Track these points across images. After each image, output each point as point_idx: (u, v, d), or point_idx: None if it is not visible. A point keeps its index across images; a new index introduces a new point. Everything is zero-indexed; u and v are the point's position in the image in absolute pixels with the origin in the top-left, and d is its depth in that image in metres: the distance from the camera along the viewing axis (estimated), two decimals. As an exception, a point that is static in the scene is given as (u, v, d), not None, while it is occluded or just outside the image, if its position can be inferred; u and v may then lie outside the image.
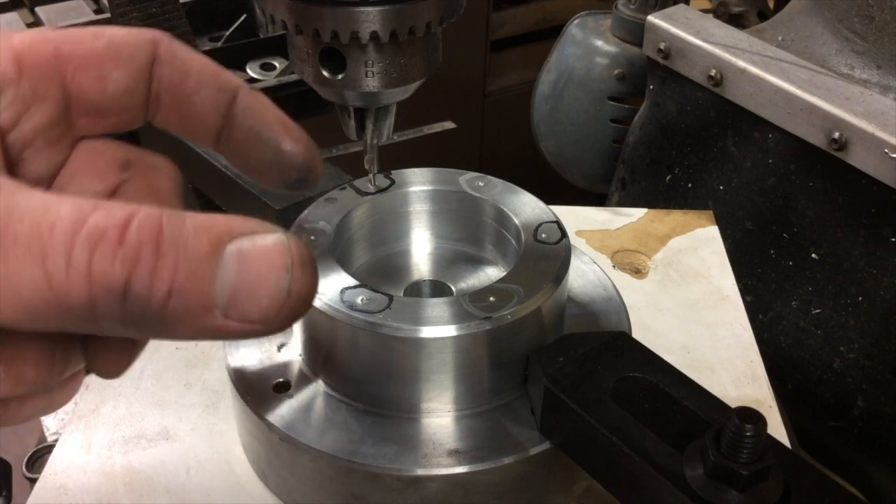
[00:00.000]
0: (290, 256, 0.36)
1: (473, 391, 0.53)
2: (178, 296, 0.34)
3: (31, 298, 0.32)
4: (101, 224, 0.33)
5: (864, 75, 0.93)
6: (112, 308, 0.33)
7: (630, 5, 1.20)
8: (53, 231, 0.32)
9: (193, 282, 0.34)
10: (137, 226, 0.33)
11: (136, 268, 0.33)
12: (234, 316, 0.35)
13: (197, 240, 0.34)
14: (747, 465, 0.41)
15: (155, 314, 0.34)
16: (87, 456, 0.59)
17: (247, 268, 0.35)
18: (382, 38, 0.48)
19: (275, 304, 0.35)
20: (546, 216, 0.58)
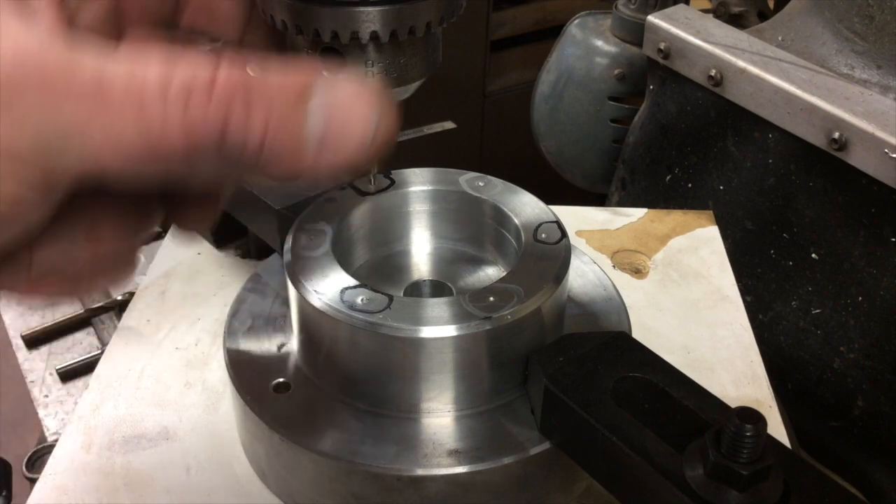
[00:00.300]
0: (370, 90, 0.39)
1: (473, 391, 0.53)
2: (272, 142, 0.36)
3: (133, 150, 0.35)
4: (188, 77, 0.35)
5: (864, 75, 0.93)
6: (209, 155, 0.36)
7: (630, 5, 1.20)
8: (144, 88, 0.35)
9: (285, 128, 0.37)
10: (224, 77, 0.36)
11: (230, 116, 0.35)
12: (328, 155, 0.38)
13: (282, 91, 0.37)
14: (747, 465, 0.41)
15: (251, 158, 0.37)
16: (87, 456, 0.59)
17: (334, 113, 0.38)
18: (382, 38, 0.48)
19: (365, 135, 0.38)
20: (546, 216, 0.59)
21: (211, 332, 0.69)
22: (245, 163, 0.37)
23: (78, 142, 0.35)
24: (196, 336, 0.69)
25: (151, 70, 0.35)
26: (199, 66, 0.36)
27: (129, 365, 0.66)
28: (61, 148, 0.35)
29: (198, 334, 0.70)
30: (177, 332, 0.70)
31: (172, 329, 0.70)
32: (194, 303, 0.73)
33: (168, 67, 0.35)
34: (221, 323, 0.61)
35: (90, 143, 0.35)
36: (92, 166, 0.36)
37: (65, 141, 0.35)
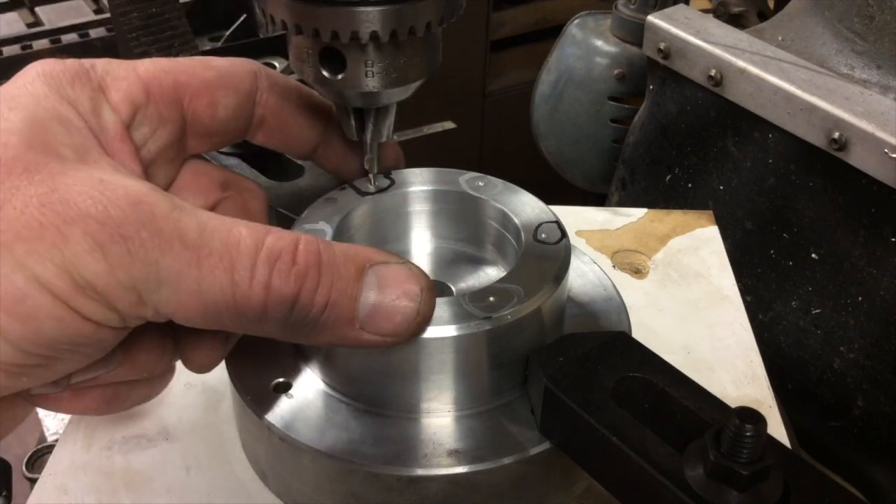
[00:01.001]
0: (419, 283, 0.44)
1: (473, 391, 0.53)
2: (332, 309, 0.41)
3: (214, 301, 0.38)
4: (276, 245, 0.39)
5: (864, 75, 0.93)
6: (280, 315, 0.40)
7: (630, 5, 1.20)
8: (240, 248, 0.38)
9: (343, 298, 0.41)
10: (304, 249, 0.40)
11: (304, 285, 0.40)
12: (371, 329, 0.43)
13: (346, 264, 0.41)
14: (747, 465, 0.41)
15: (311, 322, 0.41)
16: (87, 456, 0.59)
17: (384, 291, 0.42)
18: (382, 38, 0.48)
19: (405, 322, 0.43)
20: (546, 216, 0.58)
21: (211, 332, 0.69)
22: (305, 325, 0.41)
23: (168, 289, 0.37)
24: (196, 336, 0.69)
25: (244, 233, 0.39)
26: (284, 233, 0.40)
27: (129, 365, 0.66)
28: (150, 292, 0.37)
29: (198, 334, 0.70)
30: (177, 332, 0.70)
31: (172, 329, 0.70)
32: (194, 303, 0.73)
33: (259, 232, 0.39)
34: (221, 323, 0.61)
35: (179, 292, 0.38)
36: (171, 312, 0.39)
37: (157, 287, 0.37)
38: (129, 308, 0.38)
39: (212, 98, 0.49)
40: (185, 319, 0.39)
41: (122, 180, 0.38)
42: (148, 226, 0.37)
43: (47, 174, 0.37)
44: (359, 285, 0.42)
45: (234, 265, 0.38)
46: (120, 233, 0.36)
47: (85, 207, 0.36)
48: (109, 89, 0.45)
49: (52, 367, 0.39)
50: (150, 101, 0.46)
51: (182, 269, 0.37)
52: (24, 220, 0.35)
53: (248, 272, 0.38)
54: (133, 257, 0.36)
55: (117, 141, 0.44)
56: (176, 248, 0.37)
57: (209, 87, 0.49)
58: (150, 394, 0.49)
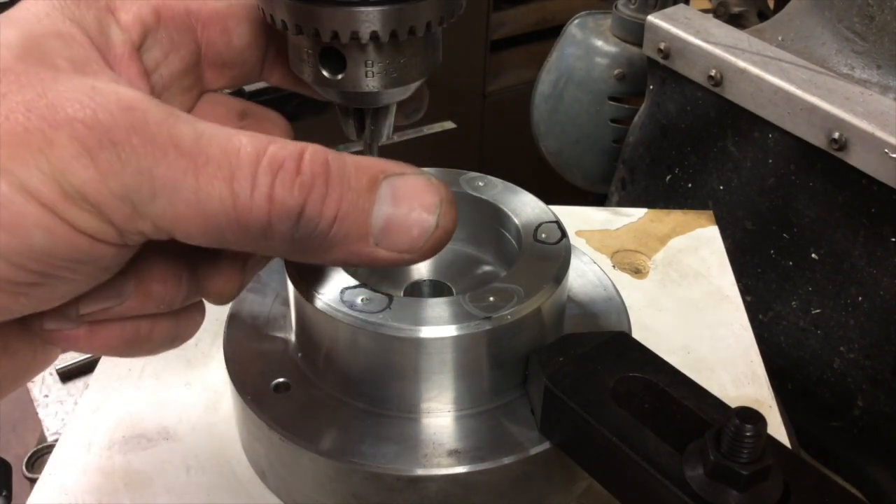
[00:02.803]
0: (438, 194, 0.40)
1: (473, 391, 0.53)
2: (341, 222, 0.38)
3: (215, 214, 0.36)
4: (279, 154, 0.37)
5: (864, 75, 0.93)
6: (285, 229, 0.37)
7: (630, 5, 1.20)
8: (239, 156, 0.36)
9: (354, 211, 0.38)
10: (310, 159, 0.37)
11: (310, 195, 0.37)
12: (386, 244, 0.40)
13: (358, 175, 0.39)
14: (747, 465, 0.41)
15: (320, 237, 0.38)
16: (87, 456, 0.59)
17: (400, 203, 0.39)
18: (382, 38, 0.48)
19: (423, 236, 0.40)
20: (546, 216, 0.58)
21: (211, 332, 0.69)
22: (313, 240, 0.38)
23: (164, 200, 0.35)
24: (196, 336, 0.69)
25: (244, 142, 0.37)
26: (288, 142, 0.38)
27: (129, 365, 0.66)
28: (144, 203, 0.35)
29: (198, 334, 0.69)
30: (177, 332, 0.70)
31: (172, 329, 0.70)
32: (194, 303, 0.73)
33: (261, 141, 0.37)
34: (221, 323, 0.61)
35: (175, 203, 0.35)
36: (170, 226, 0.36)
37: (152, 197, 0.35)
38: (125, 221, 0.36)
39: (224, 25, 0.48)
40: (186, 235, 0.37)
41: (116, 87, 0.36)
42: (140, 132, 0.35)
43: (37, 81, 0.35)
44: (372, 197, 0.39)
45: (233, 174, 0.36)
46: (109, 138, 0.34)
47: (73, 112, 0.34)
48: (118, 10, 0.43)
49: (53, 287, 0.37)
50: (161, 25, 0.45)
51: (178, 178, 0.35)
52: (7, 125, 0.34)
53: (249, 181, 0.36)
54: (124, 164, 0.34)
55: (125, 59, 0.42)
56: (170, 155, 0.35)
57: (221, 14, 0.48)
58: (176, 333, 0.46)
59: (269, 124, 0.51)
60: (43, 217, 0.34)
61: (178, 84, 0.47)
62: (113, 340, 0.43)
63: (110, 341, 0.43)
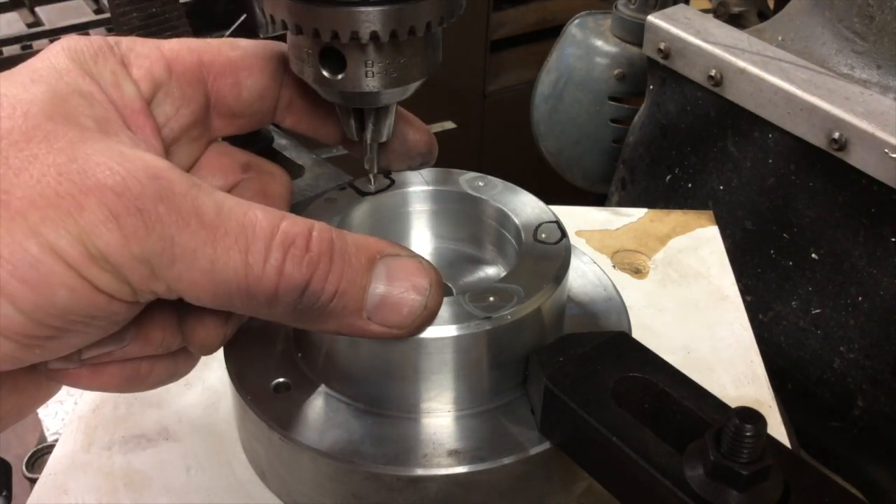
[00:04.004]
0: (428, 277, 0.44)
1: (473, 391, 0.53)
2: (340, 297, 0.41)
3: (226, 281, 0.38)
4: (291, 231, 0.40)
5: (864, 75, 0.93)
6: (289, 300, 0.40)
7: (630, 5, 1.20)
8: (255, 230, 0.39)
9: (353, 288, 0.41)
10: (318, 237, 0.40)
11: (316, 271, 0.40)
12: (377, 319, 0.43)
13: (357, 254, 0.41)
14: (747, 465, 0.41)
15: (320, 309, 0.41)
16: (87, 456, 0.59)
17: (393, 282, 0.42)
18: (382, 38, 0.48)
19: (412, 315, 0.43)
20: (546, 216, 0.58)
21: (211, 332, 0.69)
22: (313, 312, 0.41)
23: (182, 265, 0.37)
24: (196, 336, 0.69)
25: (260, 217, 0.39)
26: (299, 219, 0.40)
27: (129, 365, 0.66)
28: (163, 267, 0.37)
29: (198, 334, 0.70)
30: (177, 332, 0.70)
31: (172, 329, 0.70)
32: (194, 303, 0.73)
33: (275, 216, 0.40)
34: (221, 323, 0.61)
35: (192, 270, 0.38)
36: (184, 289, 0.38)
37: (171, 263, 0.37)
38: (142, 282, 0.37)
39: (236, 78, 0.49)
40: (197, 298, 0.39)
41: (142, 154, 0.38)
42: (166, 201, 0.37)
43: (66, 143, 0.37)
44: (369, 276, 0.42)
45: (249, 247, 0.38)
46: (137, 205, 0.36)
47: (103, 178, 0.36)
48: (132, 65, 0.45)
49: (65, 340, 0.39)
50: (172, 79, 0.46)
51: (197, 247, 0.37)
52: (40, 188, 0.35)
53: (263, 255, 0.38)
54: (148, 231, 0.36)
55: (139, 115, 0.44)
56: (192, 225, 0.37)
57: (233, 66, 0.49)
58: (174, 372, 0.48)
59: (269, 178, 0.54)
60: (68, 277, 0.36)
61: (187, 135, 0.49)
62: (114, 379, 0.45)
63: (112, 380, 0.45)
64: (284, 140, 0.81)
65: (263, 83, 0.50)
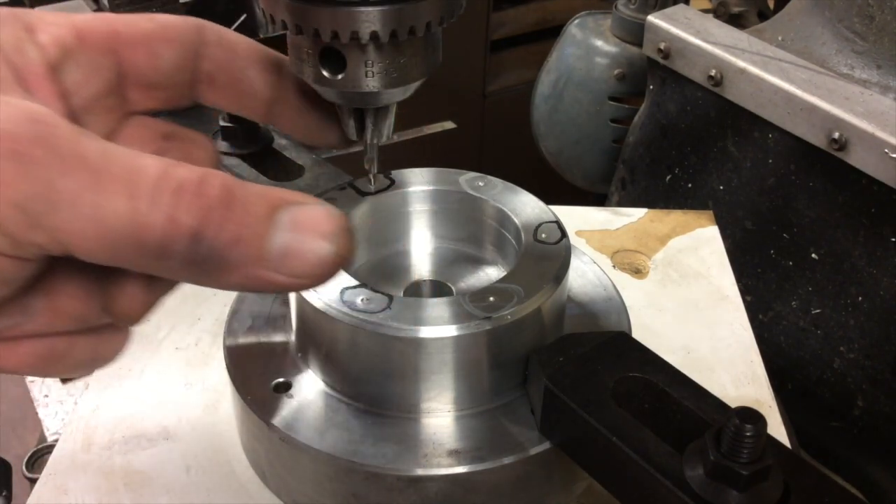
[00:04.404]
0: (336, 223, 0.41)
1: (473, 391, 0.53)
2: (239, 246, 0.39)
3: (113, 229, 0.36)
4: (183, 176, 0.37)
5: (864, 75, 0.93)
6: (182, 249, 0.38)
7: (630, 5, 1.20)
8: (142, 175, 0.37)
9: (252, 236, 0.39)
10: (213, 183, 0.38)
11: (210, 217, 0.38)
12: (283, 270, 0.40)
13: (258, 202, 0.39)
14: (747, 465, 0.41)
15: (217, 259, 0.39)
16: (87, 456, 0.59)
17: (298, 231, 0.40)
18: (382, 38, 0.48)
19: (320, 263, 0.41)
20: (546, 216, 0.59)
21: (211, 332, 0.69)
22: (210, 263, 0.38)
23: (63, 213, 0.35)
24: (196, 336, 0.70)
25: (150, 163, 0.37)
26: (194, 167, 0.38)
27: (129, 365, 0.66)
28: (42, 215, 0.35)
29: (198, 334, 0.70)
30: (177, 332, 0.70)
31: (172, 329, 0.70)
32: (194, 303, 0.73)
33: (166, 163, 0.38)
34: (221, 323, 0.61)
35: (74, 217, 0.35)
36: (67, 240, 0.36)
37: (51, 209, 0.35)
38: (20, 231, 0.35)
39: (151, 48, 0.48)
40: (86, 251, 0.37)
41: (26, 103, 0.37)
42: (44, 144, 0.35)
43: None
44: (270, 223, 0.39)
45: (135, 191, 0.36)
46: (12, 147, 0.34)
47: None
48: (37, 31, 0.44)
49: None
50: (82, 48, 0.45)
51: (79, 192, 0.35)
52: None
53: (150, 200, 0.36)
54: (24, 175, 0.34)
55: (41, 80, 0.43)
56: (73, 168, 0.35)
57: (148, 36, 0.48)
58: (98, 352, 0.45)
59: (194, 146, 0.52)
60: None
61: (100, 105, 0.47)
62: (28, 358, 0.42)
63: (25, 359, 0.42)
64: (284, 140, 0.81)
65: (181, 53, 0.49)
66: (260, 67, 0.52)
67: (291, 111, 0.54)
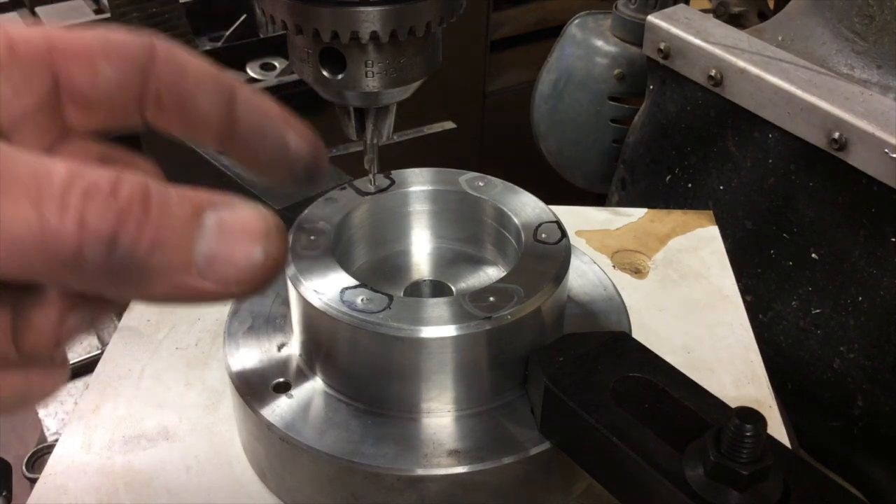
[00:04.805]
0: (266, 224, 0.38)
1: (473, 391, 0.53)
2: (161, 251, 0.35)
3: (20, 239, 0.33)
4: (95, 178, 0.34)
5: (864, 75, 0.93)
6: (98, 257, 0.34)
7: (630, 5, 1.20)
8: (51, 178, 0.34)
9: (175, 240, 0.36)
10: (128, 185, 0.35)
11: (125, 221, 0.34)
12: (211, 277, 0.37)
13: (180, 204, 0.36)
14: (747, 465, 0.41)
15: (137, 267, 0.35)
16: (87, 456, 0.59)
17: (226, 234, 0.37)
18: (382, 38, 0.48)
19: (251, 268, 0.37)
20: (546, 216, 0.59)
21: (211, 332, 0.69)
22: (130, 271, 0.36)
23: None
24: (196, 336, 0.70)
25: (58, 166, 0.34)
26: (105, 172, 0.35)
27: (129, 365, 0.66)
28: None
29: (198, 334, 0.70)
30: (177, 332, 0.70)
31: (172, 329, 0.70)
32: (194, 303, 0.73)
33: (76, 168, 0.35)
34: (221, 323, 0.61)
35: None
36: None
37: None
38: None
39: (91, 63, 0.44)
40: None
41: None
42: None
43: None
44: (194, 226, 0.36)
45: (41, 195, 0.33)
46: None
47: None
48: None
49: None
50: (14, 59, 0.42)
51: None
52: None
53: (59, 204, 0.33)
54: None
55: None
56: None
57: (89, 50, 0.44)
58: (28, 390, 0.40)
59: (133, 168, 0.47)
60: None
61: (32, 121, 0.43)
62: None
63: None
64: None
65: (124, 71, 0.44)
66: (211, 91, 0.46)
67: (242, 142, 0.47)
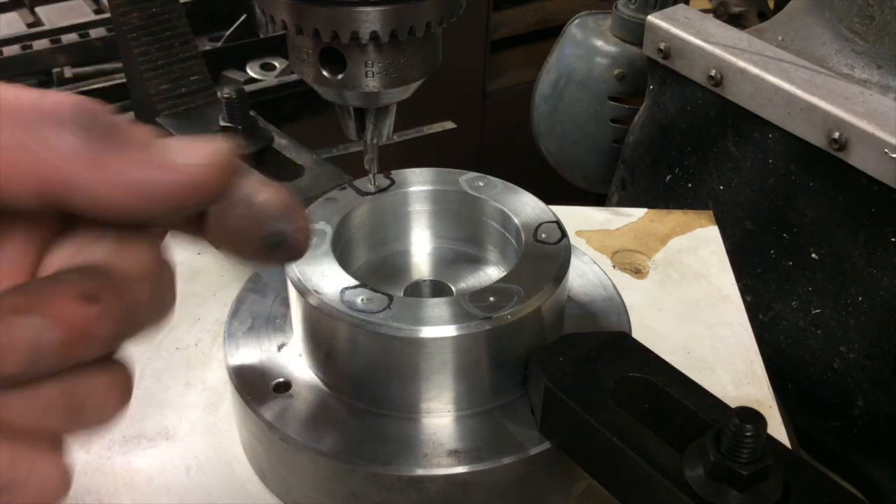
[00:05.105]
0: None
1: (473, 391, 0.53)
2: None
3: None
4: None
5: (864, 75, 0.93)
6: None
7: (630, 5, 1.20)
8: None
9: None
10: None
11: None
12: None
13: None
14: (747, 465, 0.41)
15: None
16: (87, 456, 0.59)
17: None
18: (382, 38, 0.48)
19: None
20: (546, 216, 0.58)
21: (211, 332, 0.69)
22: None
23: None
24: (196, 336, 0.70)
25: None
26: None
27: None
28: None
29: (198, 334, 0.70)
30: (177, 332, 0.70)
31: (172, 329, 0.70)
32: (194, 303, 0.73)
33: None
34: (221, 323, 0.61)
35: None
36: None
37: None
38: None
39: None
40: None
41: None
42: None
43: None
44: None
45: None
46: None
47: None
48: None
49: None
50: None
51: None
52: None
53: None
54: None
55: None
56: None
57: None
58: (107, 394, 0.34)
59: None
60: None
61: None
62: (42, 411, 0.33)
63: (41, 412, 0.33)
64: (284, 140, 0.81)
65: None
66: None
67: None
